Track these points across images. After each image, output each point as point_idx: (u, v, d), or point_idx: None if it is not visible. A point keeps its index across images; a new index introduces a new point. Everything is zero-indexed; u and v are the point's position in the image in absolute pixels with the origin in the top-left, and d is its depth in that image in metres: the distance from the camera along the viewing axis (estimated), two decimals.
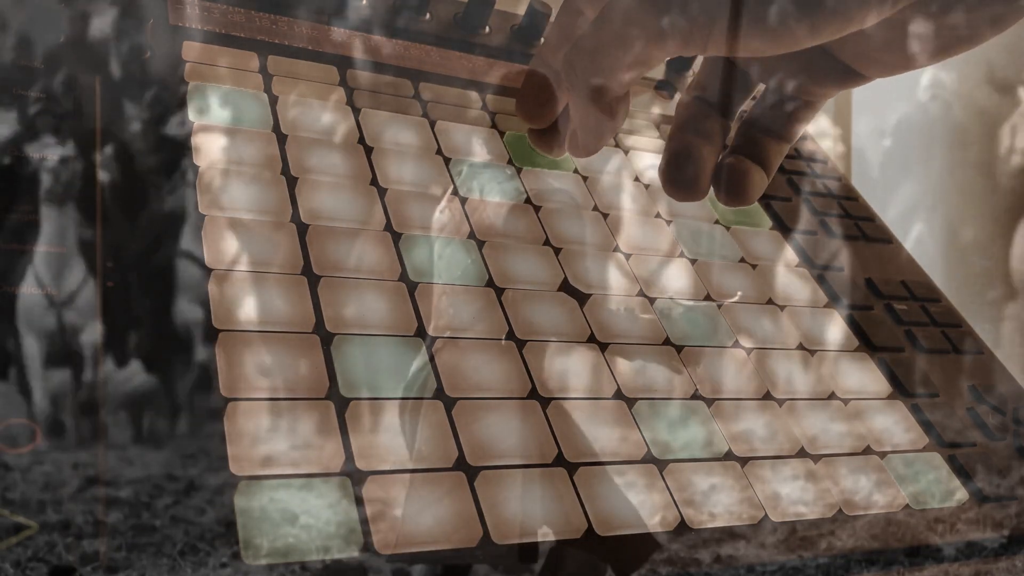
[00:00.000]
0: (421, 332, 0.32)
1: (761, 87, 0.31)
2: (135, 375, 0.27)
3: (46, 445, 0.24)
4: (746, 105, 0.32)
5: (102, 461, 0.24)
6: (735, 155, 0.30)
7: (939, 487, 0.37)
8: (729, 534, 0.31)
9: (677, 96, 0.55)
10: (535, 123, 0.31)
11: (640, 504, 0.30)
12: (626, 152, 0.48)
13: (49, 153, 0.31)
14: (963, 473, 0.38)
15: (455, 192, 0.39)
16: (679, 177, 0.30)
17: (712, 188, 0.30)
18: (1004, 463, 0.39)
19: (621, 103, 0.28)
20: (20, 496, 0.23)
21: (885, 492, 0.35)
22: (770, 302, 0.42)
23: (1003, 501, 0.37)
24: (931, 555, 0.34)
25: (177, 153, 0.34)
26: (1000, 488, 0.38)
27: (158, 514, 0.24)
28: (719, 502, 0.32)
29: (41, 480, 0.23)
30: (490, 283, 0.35)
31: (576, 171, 0.44)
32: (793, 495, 0.33)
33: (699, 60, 0.37)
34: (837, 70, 0.28)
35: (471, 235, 0.37)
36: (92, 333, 0.27)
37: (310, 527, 0.25)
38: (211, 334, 0.29)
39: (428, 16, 0.48)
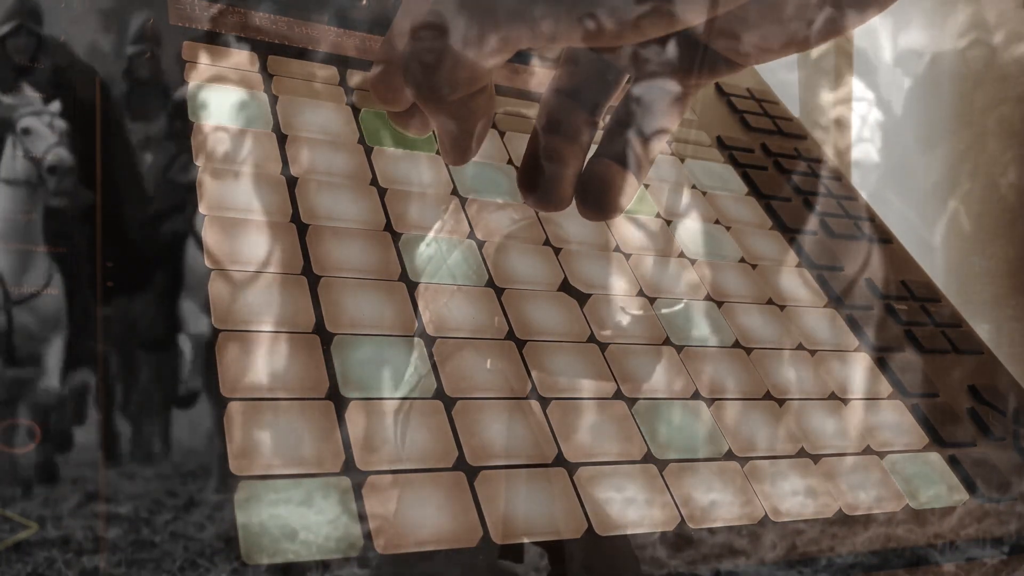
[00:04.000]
0: (421, 332, 0.32)
1: (628, 79, 0.28)
2: (134, 376, 0.27)
3: (45, 447, 0.24)
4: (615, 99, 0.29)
5: (101, 465, 0.24)
6: (599, 159, 0.27)
7: (939, 487, 0.37)
8: (729, 534, 0.31)
9: None
10: (390, 106, 0.28)
11: (640, 504, 0.30)
12: None
13: (48, 153, 0.31)
14: (963, 473, 0.38)
15: (454, 192, 0.39)
16: (538, 184, 0.27)
17: (575, 198, 0.27)
18: (1004, 463, 0.39)
19: (476, 100, 0.25)
20: (20, 505, 0.23)
21: (885, 492, 0.35)
22: (770, 302, 0.42)
23: (1003, 501, 0.37)
24: (931, 556, 0.34)
25: (177, 153, 0.34)
26: (1000, 488, 0.38)
27: (158, 530, 0.24)
28: (719, 502, 0.32)
29: (40, 488, 0.23)
30: (490, 283, 0.35)
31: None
32: (793, 495, 0.33)
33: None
34: (708, 58, 0.26)
35: (471, 235, 0.37)
36: (91, 333, 0.27)
37: (309, 542, 0.25)
38: (211, 334, 0.29)
39: None
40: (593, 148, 0.29)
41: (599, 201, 0.27)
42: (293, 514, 0.25)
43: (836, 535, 0.33)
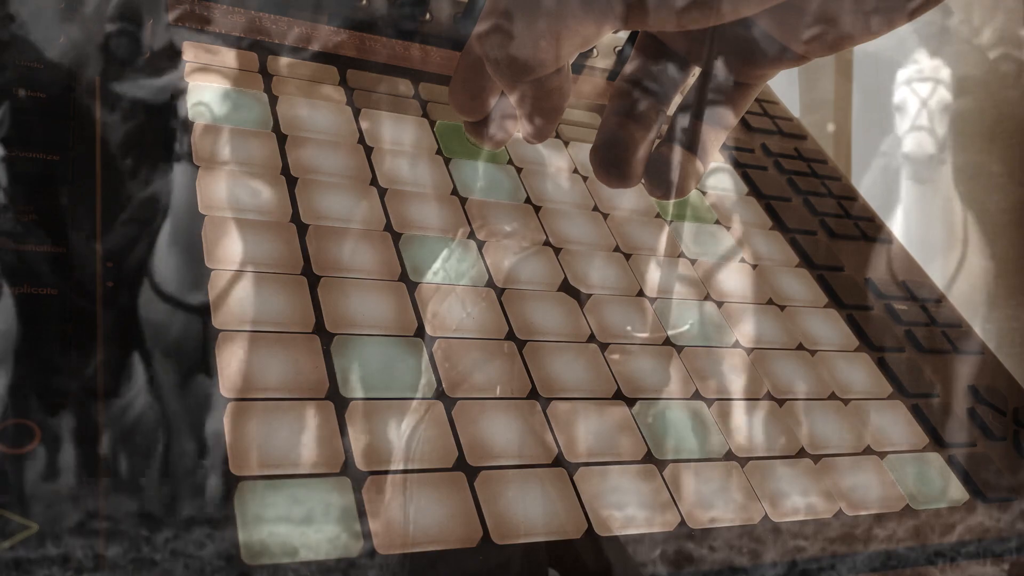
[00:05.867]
0: (421, 332, 0.32)
1: (696, 71, 0.30)
2: (134, 376, 0.27)
3: (44, 448, 0.24)
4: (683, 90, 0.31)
5: (100, 466, 0.24)
6: (667, 143, 0.29)
7: (939, 487, 0.37)
8: (729, 534, 0.31)
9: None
10: (468, 115, 0.30)
11: (640, 504, 0.30)
12: None
13: (49, 153, 0.31)
14: (963, 473, 0.38)
15: (454, 192, 0.39)
16: (609, 162, 0.28)
17: (643, 180, 0.29)
18: (1004, 463, 0.39)
19: (554, 80, 0.26)
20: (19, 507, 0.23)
21: (885, 492, 0.35)
22: (770, 302, 0.42)
23: (1003, 501, 0.37)
24: (931, 555, 0.34)
25: (177, 153, 0.34)
26: (1000, 488, 0.38)
27: (157, 538, 0.24)
28: (719, 502, 0.32)
29: (40, 488, 0.23)
30: (490, 283, 0.35)
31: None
32: (793, 495, 0.33)
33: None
34: (773, 50, 0.27)
35: (471, 235, 0.37)
36: (91, 334, 0.27)
37: (309, 542, 0.25)
38: (211, 334, 0.29)
39: (428, 16, 0.48)
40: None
41: (667, 182, 0.29)
42: (293, 514, 0.25)
43: (836, 535, 0.33)
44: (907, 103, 0.79)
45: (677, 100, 0.30)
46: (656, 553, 0.29)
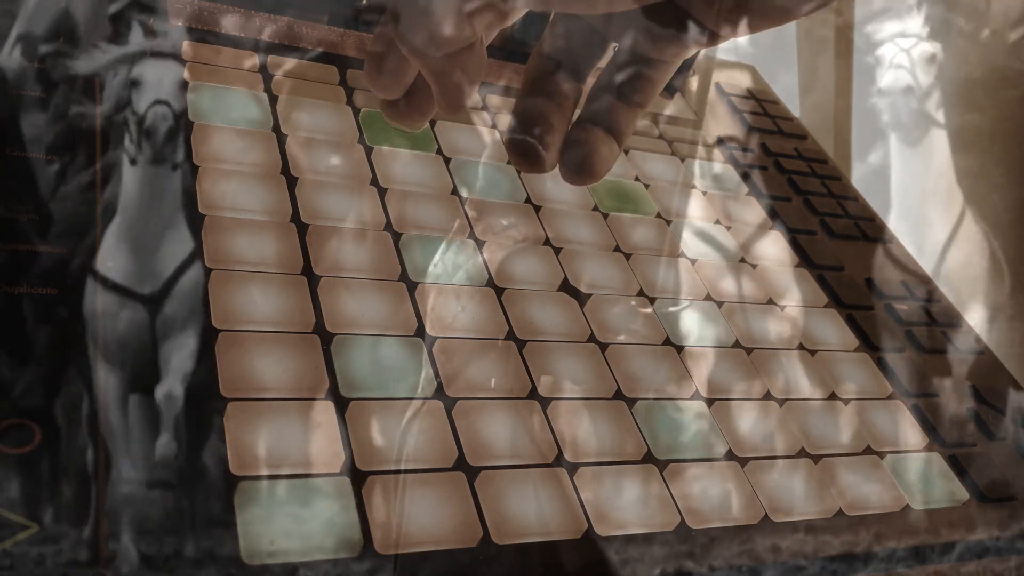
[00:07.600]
0: (421, 332, 0.32)
1: (613, 47, 0.29)
2: (133, 375, 0.27)
3: (41, 448, 0.24)
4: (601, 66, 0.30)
5: (100, 465, 0.24)
6: (582, 125, 0.28)
7: (939, 487, 0.37)
8: (729, 534, 0.31)
9: (676, 95, 0.55)
10: (385, 93, 0.29)
11: (640, 504, 0.30)
12: (626, 152, 0.48)
13: (48, 154, 0.31)
14: (963, 473, 0.38)
15: (454, 192, 0.39)
16: (524, 145, 0.27)
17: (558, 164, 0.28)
18: (1004, 463, 0.39)
19: (467, 54, 0.26)
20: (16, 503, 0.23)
21: (885, 492, 0.35)
22: (770, 302, 0.42)
23: (1003, 501, 0.37)
24: (931, 555, 0.34)
25: (177, 153, 0.34)
26: (1000, 488, 0.38)
27: (155, 530, 0.24)
28: (719, 502, 0.32)
29: (38, 489, 0.23)
30: (490, 283, 0.35)
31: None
32: (793, 495, 0.33)
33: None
34: (689, 27, 0.26)
35: (471, 235, 0.37)
36: (91, 334, 0.27)
37: (309, 542, 0.25)
38: (211, 334, 0.29)
39: None
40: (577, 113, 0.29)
41: (581, 166, 0.27)
42: (293, 514, 0.25)
43: (836, 535, 0.33)
44: (885, 54, 0.78)
45: (592, 79, 0.29)
46: (655, 553, 0.29)
